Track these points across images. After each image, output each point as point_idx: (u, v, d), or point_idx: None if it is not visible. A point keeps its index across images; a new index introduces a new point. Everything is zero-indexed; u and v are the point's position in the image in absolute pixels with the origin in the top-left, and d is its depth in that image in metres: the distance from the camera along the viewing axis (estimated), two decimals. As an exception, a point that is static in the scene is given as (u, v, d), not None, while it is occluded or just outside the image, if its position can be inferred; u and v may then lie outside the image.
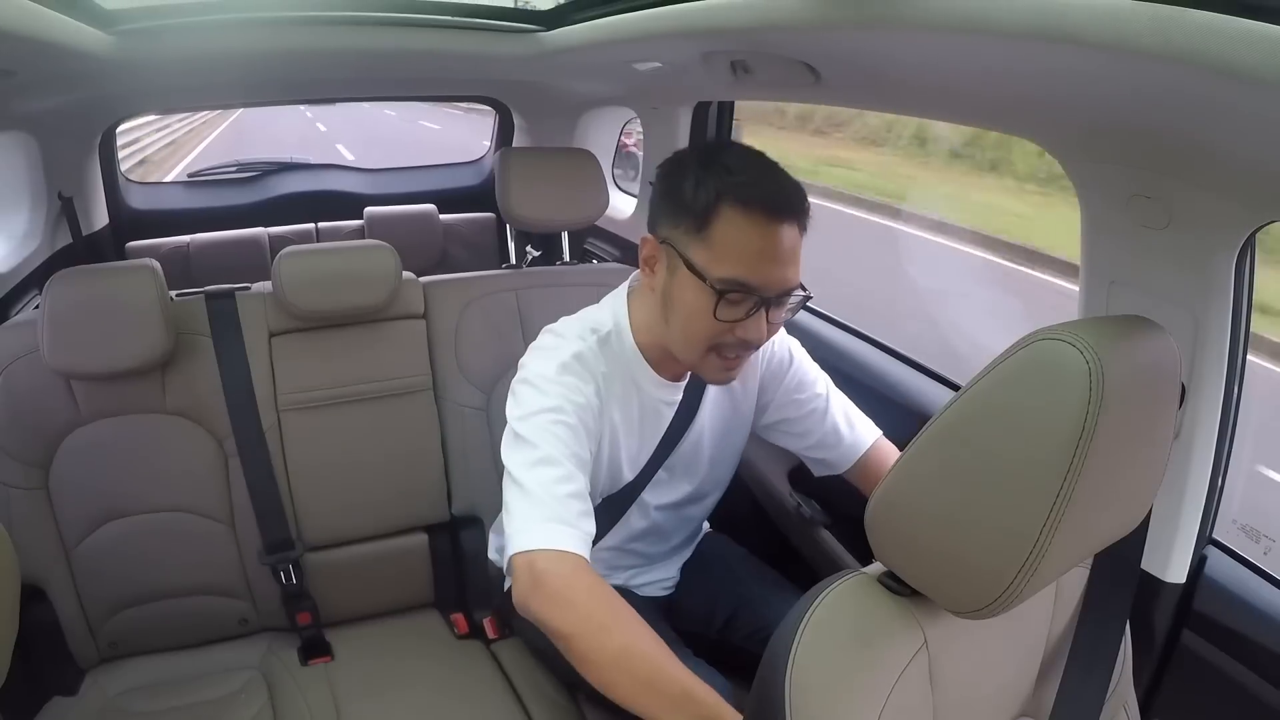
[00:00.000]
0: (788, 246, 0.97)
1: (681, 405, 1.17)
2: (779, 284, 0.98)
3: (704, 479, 1.26)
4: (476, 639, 1.47)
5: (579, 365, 1.07)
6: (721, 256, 0.96)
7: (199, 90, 2.11)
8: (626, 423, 1.14)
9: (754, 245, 0.96)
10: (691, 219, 0.98)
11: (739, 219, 0.96)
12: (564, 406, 1.02)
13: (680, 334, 1.04)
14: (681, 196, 0.99)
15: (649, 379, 1.13)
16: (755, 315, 0.98)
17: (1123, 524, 0.69)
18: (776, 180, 0.99)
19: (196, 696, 1.34)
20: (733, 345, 1.01)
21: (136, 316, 1.30)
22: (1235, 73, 0.54)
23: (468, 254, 2.64)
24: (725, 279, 0.96)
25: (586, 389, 1.05)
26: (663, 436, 1.18)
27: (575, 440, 1.02)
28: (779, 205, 0.96)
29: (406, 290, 1.51)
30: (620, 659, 0.86)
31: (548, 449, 0.99)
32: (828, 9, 0.79)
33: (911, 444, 0.64)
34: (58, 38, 0.99)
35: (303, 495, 1.44)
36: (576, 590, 0.90)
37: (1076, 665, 0.78)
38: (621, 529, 1.23)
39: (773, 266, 0.97)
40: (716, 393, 1.21)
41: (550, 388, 1.04)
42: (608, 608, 0.90)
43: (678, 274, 1.01)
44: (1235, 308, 0.89)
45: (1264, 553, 0.99)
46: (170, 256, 2.32)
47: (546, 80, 1.85)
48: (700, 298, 0.98)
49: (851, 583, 0.70)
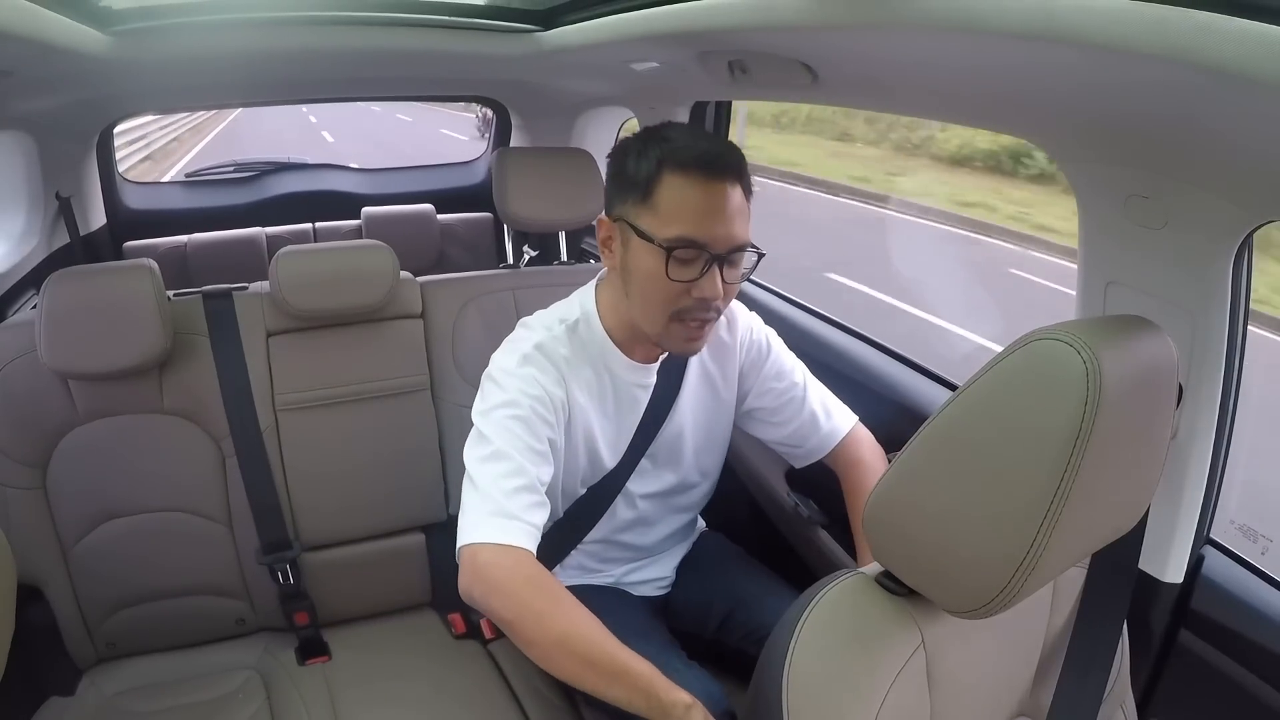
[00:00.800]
0: (730, 203, 1.02)
1: (657, 390, 1.19)
2: (725, 240, 1.02)
3: (689, 468, 1.27)
4: (473, 639, 1.47)
5: (539, 355, 1.10)
6: (667, 219, 1.01)
7: (197, 90, 2.11)
8: (599, 407, 1.16)
9: (696, 203, 1.01)
10: (637, 191, 1.04)
11: (679, 181, 1.01)
12: (519, 400, 1.05)
13: (640, 303, 1.07)
14: (626, 172, 1.05)
15: (619, 362, 1.15)
16: (708, 273, 1.02)
17: (1120, 524, 0.69)
18: (711, 142, 1.04)
19: (194, 697, 1.34)
20: (692, 309, 1.04)
21: (134, 316, 1.29)
22: (1233, 73, 0.54)
23: (465, 254, 2.64)
24: (672, 238, 1.01)
25: (545, 379, 1.08)
26: (640, 422, 1.19)
27: (530, 433, 1.04)
28: (715, 164, 1.01)
29: (404, 290, 1.51)
30: (561, 642, 0.92)
31: (499, 443, 1.03)
32: (825, 9, 0.79)
33: (909, 444, 0.64)
34: (56, 38, 0.99)
35: (300, 495, 1.44)
36: (516, 580, 0.95)
37: (1074, 665, 0.78)
38: (609, 520, 1.25)
39: (716, 222, 1.01)
40: (697, 380, 1.23)
41: (508, 381, 1.07)
42: (547, 595, 0.95)
43: (630, 244, 1.06)
44: (1233, 308, 0.89)
45: (1261, 552, 0.99)
46: (168, 256, 2.31)
47: (544, 80, 1.84)
48: (653, 261, 1.02)
49: (849, 582, 0.70)
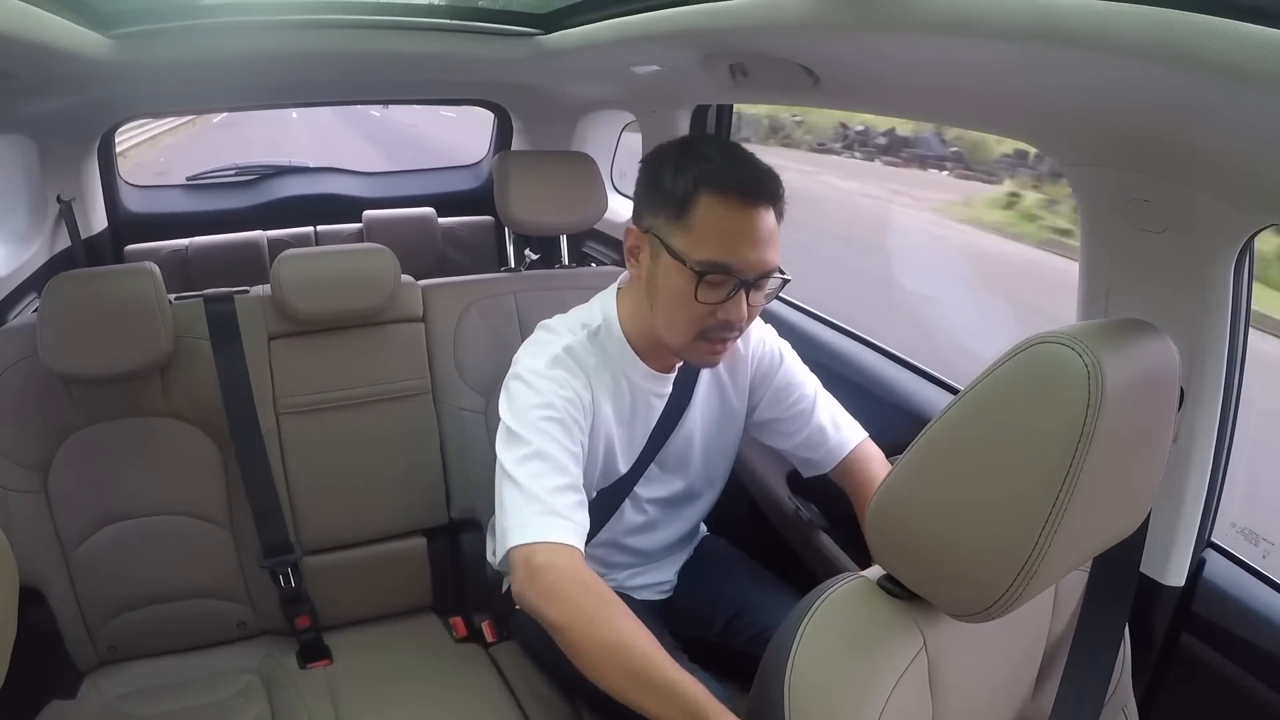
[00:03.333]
0: (763, 229, 1.02)
1: (671, 398, 1.20)
2: (756, 266, 1.02)
3: (696, 475, 1.28)
4: (475, 642, 1.47)
5: (569, 359, 1.10)
6: (700, 240, 1.01)
7: (198, 93, 2.11)
8: (618, 414, 1.16)
9: (731, 228, 1.01)
10: (671, 207, 1.03)
11: (716, 204, 1.00)
12: (554, 402, 1.05)
13: (665, 319, 1.08)
14: (661, 186, 1.04)
15: (638, 370, 1.16)
16: (735, 297, 1.02)
17: (1122, 527, 0.69)
18: (751, 166, 1.04)
19: (195, 700, 1.33)
20: (716, 329, 1.05)
21: (135, 320, 1.30)
22: (1235, 76, 0.54)
23: (466, 257, 2.64)
24: (704, 261, 1.01)
25: (576, 382, 1.09)
26: (654, 429, 1.20)
27: (566, 435, 1.05)
28: (753, 190, 1.01)
29: (405, 293, 1.51)
30: (610, 651, 0.89)
31: (540, 444, 1.02)
32: (826, 12, 0.79)
33: (910, 447, 0.64)
34: (57, 41, 0.99)
35: (301, 498, 1.44)
36: (571, 583, 0.93)
37: (1076, 669, 0.78)
38: (616, 523, 1.25)
39: (749, 249, 1.01)
40: (708, 389, 1.23)
41: (541, 383, 1.07)
42: (599, 601, 0.93)
43: (660, 260, 1.05)
44: (1234, 311, 0.89)
45: (1263, 556, 0.99)
46: (169, 260, 2.32)
47: (545, 83, 1.85)
48: (682, 281, 1.02)
49: (850, 586, 0.70)
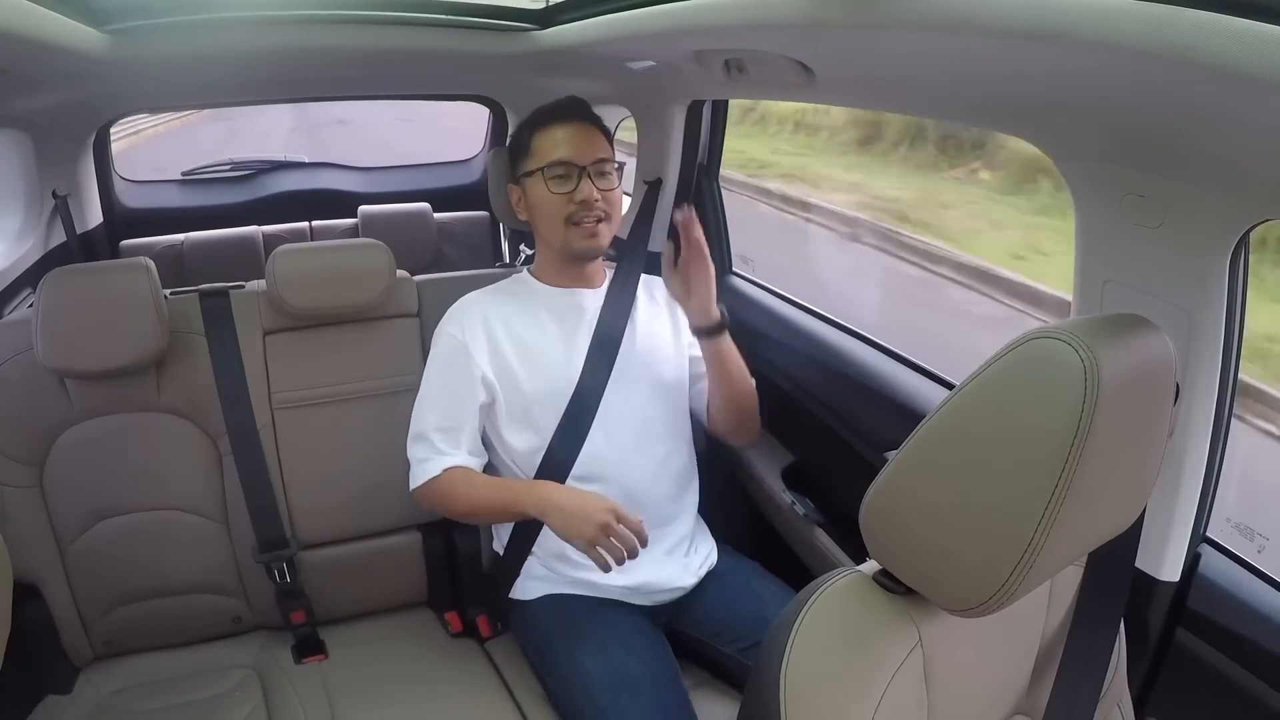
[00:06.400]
0: (580, 131, 1.33)
1: (604, 314, 1.38)
2: (587, 155, 1.32)
3: (653, 386, 1.38)
4: (470, 637, 1.48)
5: (452, 314, 1.38)
6: (540, 157, 1.33)
7: (193, 89, 2.10)
8: (535, 325, 1.36)
9: (556, 139, 1.33)
10: (521, 155, 1.38)
11: (542, 133, 1.35)
12: (435, 356, 1.37)
13: (544, 225, 1.36)
14: (514, 149, 1.40)
15: (550, 291, 1.40)
16: (582, 181, 1.31)
17: (1117, 522, 0.69)
18: (560, 101, 1.37)
19: (190, 695, 1.34)
20: (577, 211, 1.31)
21: (130, 315, 1.29)
22: (1231, 72, 0.54)
23: (461, 253, 2.63)
24: (546, 164, 1.32)
25: (450, 328, 1.36)
26: (595, 332, 1.36)
27: (452, 373, 1.34)
28: (563, 112, 1.36)
29: (400, 289, 1.51)
30: (474, 510, 1.33)
31: (424, 390, 1.36)
32: (821, 8, 0.79)
33: (906, 442, 0.64)
34: (52, 36, 0.98)
35: (296, 493, 1.44)
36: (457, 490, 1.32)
37: (1071, 663, 0.78)
38: (590, 449, 1.31)
39: (575, 145, 1.32)
40: (648, 313, 1.43)
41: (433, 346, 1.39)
42: (468, 490, 1.31)
43: (527, 189, 1.37)
44: (1230, 306, 0.89)
45: (1258, 551, 0.99)
46: (164, 255, 2.31)
47: (540, 79, 1.84)
48: (539, 186, 1.33)
49: (846, 581, 0.70)
